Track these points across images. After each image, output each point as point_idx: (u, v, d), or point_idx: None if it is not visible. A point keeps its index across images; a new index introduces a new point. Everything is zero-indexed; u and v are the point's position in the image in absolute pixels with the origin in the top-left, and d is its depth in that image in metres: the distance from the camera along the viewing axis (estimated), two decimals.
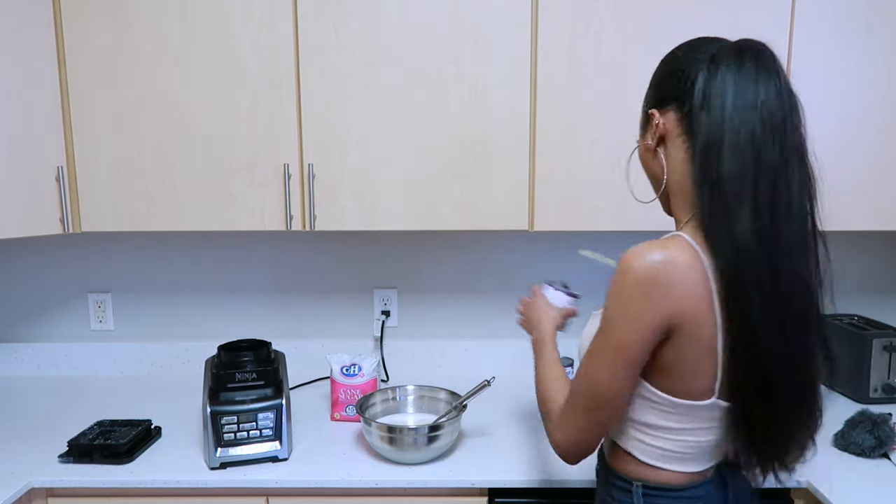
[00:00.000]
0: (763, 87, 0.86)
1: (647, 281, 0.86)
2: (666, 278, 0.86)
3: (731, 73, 0.87)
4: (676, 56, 0.96)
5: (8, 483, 1.34)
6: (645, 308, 0.86)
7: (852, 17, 1.51)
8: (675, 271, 0.86)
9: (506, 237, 1.94)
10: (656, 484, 0.98)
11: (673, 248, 0.88)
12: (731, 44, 0.91)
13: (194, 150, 1.56)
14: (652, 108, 0.97)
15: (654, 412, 0.95)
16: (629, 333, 0.88)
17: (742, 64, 0.87)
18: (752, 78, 0.86)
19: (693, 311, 0.87)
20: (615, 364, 0.89)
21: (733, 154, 0.85)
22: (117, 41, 1.52)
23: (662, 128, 0.95)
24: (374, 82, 1.53)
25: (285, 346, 1.96)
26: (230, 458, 1.40)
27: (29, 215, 1.52)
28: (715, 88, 0.87)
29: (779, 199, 0.85)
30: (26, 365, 1.99)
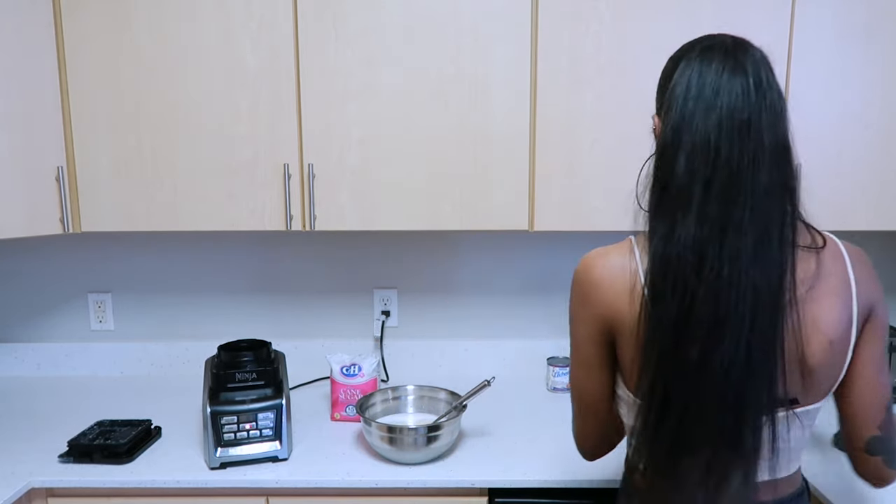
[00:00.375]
0: (726, 85, 0.81)
1: (580, 283, 0.93)
2: (599, 282, 0.90)
3: (692, 71, 0.84)
4: (672, 57, 0.93)
5: (8, 483, 1.34)
6: (582, 308, 0.92)
7: (852, 17, 1.51)
8: (607, 275, 0.90)
9: (506, 237, 1.94)
10: None
11: (612, 251, 0.92)
12: (699, 41, 0.88)
13: (194, 150, 1.56)
14: (655, 114, 0.95)
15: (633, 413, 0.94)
16: (576, 333, 0.95)
17: (705, 61, 0.84)
18: (715, 76, 0.82)
19: (624, 311, 0.88)
20: (576, 363, 0.97)
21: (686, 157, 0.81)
22: (117, 41, 1.52)
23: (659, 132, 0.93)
24: (374, 82, 1.53)
25: (285, 346, 1.96)
26: (230, 458, 1.40)
27: (29, 215, 1.52)
28: (676, 88, 0.84)
29: (733, 208, 0.80)
30: (26, 365, 1.99)
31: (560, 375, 1.82)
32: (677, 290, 0.81)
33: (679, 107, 0.83)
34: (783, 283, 0.81)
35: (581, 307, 0.92)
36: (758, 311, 0.80)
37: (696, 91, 0.83)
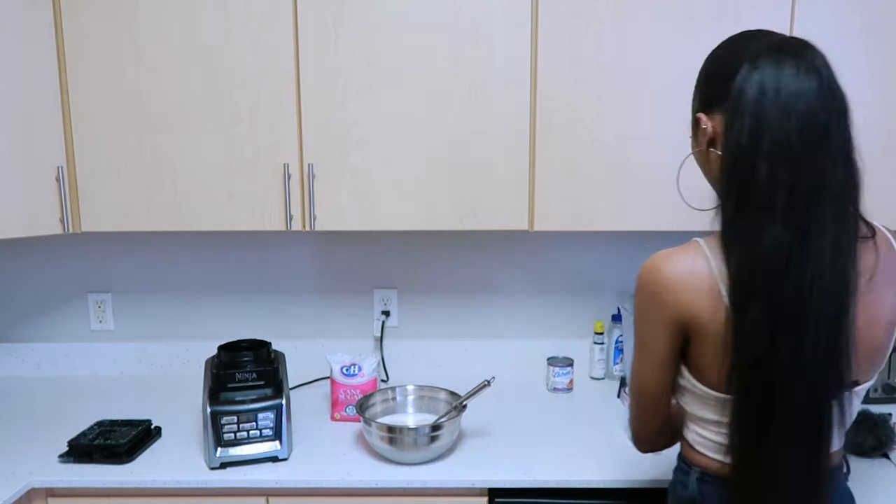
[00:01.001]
0: (804, 88, 0.82)
1: (648, 283, 0.94)
2: (672, 284, 0.91)
3: (764, 73, 0.83)
4: (719, 55, 0.94)
5: (8, 483, 1.34)
6: (651, 309, 0.94)
7: (852, 17, 1.51)
8: (675, 275, 0.91)
9: (506, 237, 1.94)
10: (715, 473, 0.99)
11: (682, 254, 0.92)
12: (770, 42, 0.87)
13: (194, 150, 1.56)
14: (699, 113, 0.95)
15: (704, 405, 0.97)
16: (645, 332, 0.96)
17: (777, 63, 0.83)
18: (791, 78, 0.82)
19: (705, 311, 0.90)
20: (642, 360, 0.98)
21: (768, 164, 0.82)
22: (117, 41, 1.52)
23: (711, 131, 0.93)
24: (374, 82, 1.53)
25: (285, 346, 1.96)
26: (230, 458, 1.40)
27: (29, 215, 1.52)
28: (748, 91, 0.84)
29: (816, 211, 0.82)
30: (26, 365, 1.99)
31: (560, 375, 1.82)
32: (767, 294, 0.84)
33: (754, 110, 0.83)
34: (855, 276, 0.85)
35: (650, 308, 0.94)
36: (836, 305, 0.84)
37: (772, 94, 0.82)
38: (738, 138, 0.84)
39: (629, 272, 1.95)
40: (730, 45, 0.93)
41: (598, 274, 1.95)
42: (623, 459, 1.43)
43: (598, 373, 1.93)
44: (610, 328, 1.91)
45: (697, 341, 0.93)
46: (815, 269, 0.82)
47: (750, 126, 0.83)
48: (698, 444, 1.01)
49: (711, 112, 0.93)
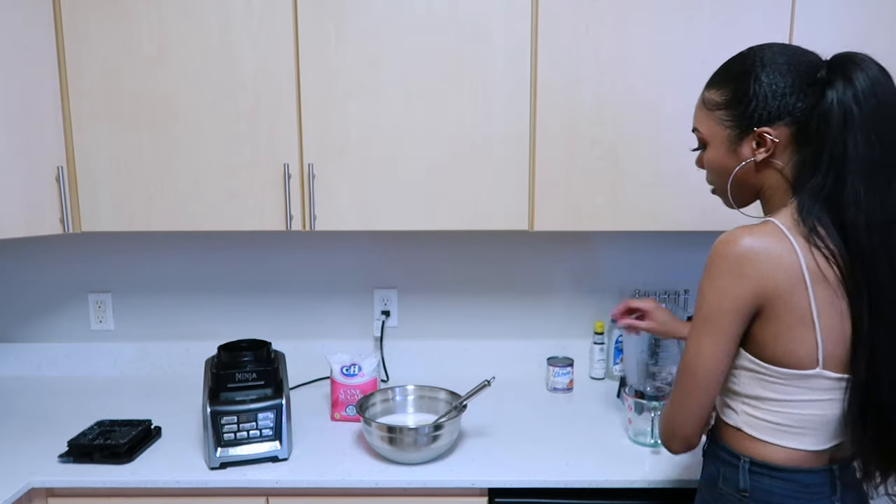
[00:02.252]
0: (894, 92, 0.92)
1: (735, 257, 0.94)
2: (754, 255, 0.93)
3: (865, 84, 0.91)
4: (771, 68, 0.97)
5: (8, 483, 1.34)
6: (732, 283, 0.94)
7: (852, 17, 1.51)
8: (762, 249, 0.93)
9: (506, 237, 1.94)
10: (763, 461, 1.00)
11: (761, 231, 0.95)
12: (849, 55, 0.95)
13: (194, 149, 1.56)
14: (761, 128, 0.98)
15: (762, 384, 0.99)
16: (715, 306, 0.95)
17: (870, 73, 0.92)
18: (883, 86, 0.92)
19: (785, 285, 0.93)
20: (703, 336, 0.97)
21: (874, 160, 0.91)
22: (117, 41, 1.52)
23: (774, 144, 0.98)
24: (374, 82, 1.53)
25: (285, 346, 1.96)
26: (230, 458, 1.40)
27: (29, 215, 1.52)
28: (859, 102, 0.91)
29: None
30: (26, 365, 1.99)
31: (560, 375, 1.82)
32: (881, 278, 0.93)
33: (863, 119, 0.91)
34: None
35: (728, 280, 0.94)
36: None
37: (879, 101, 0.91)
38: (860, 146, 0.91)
39: (629, 272, 1.95)
40: (792, 64, 0.97)
41: (598, 274, 1.95)
42: (623, 459, 1.43)
43: (598, 373, 1.93)
44: (610, 328, 1.91)
45: (768, 317, 0.95)
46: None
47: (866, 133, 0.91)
48: (752, 426, 1.01)
49: (777, 125, 0.97)
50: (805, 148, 0.96)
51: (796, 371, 0.96)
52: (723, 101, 1.02)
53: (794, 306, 0.93)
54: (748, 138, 1.00)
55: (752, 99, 0.98)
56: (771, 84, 0.97)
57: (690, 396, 1.00)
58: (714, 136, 1.04)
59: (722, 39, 1.52)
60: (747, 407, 1.01)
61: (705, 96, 1.05)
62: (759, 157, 0.99)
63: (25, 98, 1.49)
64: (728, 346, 0.97)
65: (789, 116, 0.96)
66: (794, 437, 0.99)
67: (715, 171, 1.06)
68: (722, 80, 1.03)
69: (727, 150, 1.03)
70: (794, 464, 0.99)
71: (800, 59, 0.97)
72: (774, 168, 1.00)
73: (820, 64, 0.96)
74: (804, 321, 0.94)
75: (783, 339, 0.95)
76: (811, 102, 0.95)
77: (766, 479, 0.99)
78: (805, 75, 0.95)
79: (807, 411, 0.97)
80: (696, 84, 1.52)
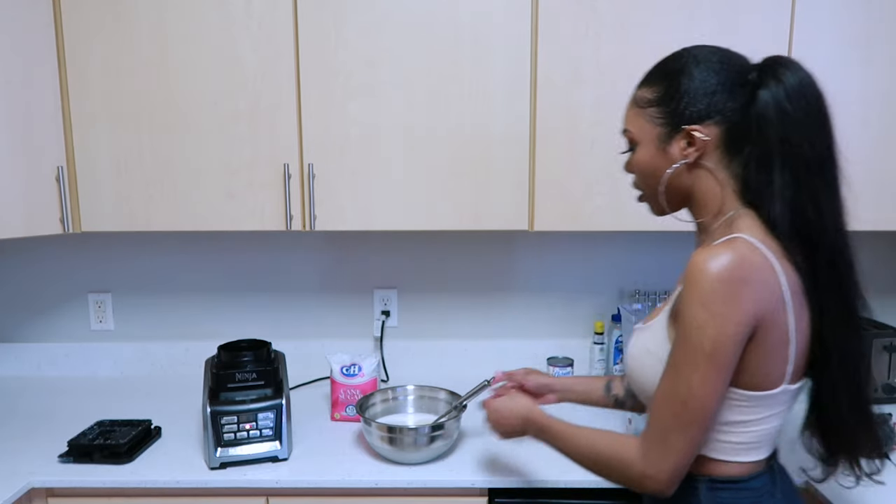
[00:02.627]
0: (821, 92, 0.93)
1: (733, 281, 0.87)
2: (749, 276, 0.88)
3: (795, 85, 0.92)
4: (704, 65, 0.96)
5: (8, 483, 1.34)
6: (733, 310, 0.87)
7: (852, 18, 1.51)
8: (753, 269, 0.88)
9: (506, 237, 1.94)
10: (721, 477, 0.98)
11: (742, 248, 0.89)
12: (778, 58, 0.95)
13: (194, 149, 1.56)
14: (690, 125, 0.96)
15: (731, 409, 0.95)
16: (721, 336, 0.87)
17: (799, 74, 0.93)
18: (811, 86, 0.93)
19: (771, 306, 0.90)
20: (709, 371, 0.89)
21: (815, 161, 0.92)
22: (117, 41, 1.53)
23: (704, 143, 0.95)
24: (374, 82, 1.53)
25: (285, 346, 1.96)
26: (230, 458, 1.40)
27: (29, 215, 1.52)
28: (790, 103, 0.91)
29: (838, 191, 0.94)
30: (26, 365, 1.99)
31: (560, 375, 1.82)
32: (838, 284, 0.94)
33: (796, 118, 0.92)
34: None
35: (729, 307, 0.87)
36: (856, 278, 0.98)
37: (807, 100, 0.93)
38: (780, 143, 0.91)
39: (629, 272, 1.95)
40: (721, 61, 0.96)
41: (598, 274, 1.95)
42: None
43: (598, 373, 1.93)
44: (610, 328, 1.91)
45: (756, 341, 0.90)
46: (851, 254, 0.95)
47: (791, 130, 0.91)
48: (716, 450, 0.97)
49: (707, 123, 0.95)
50: (738, 150, 0.95)
51: (767, 392, 0.93)
52: (654, 98, 1.00)
53: (777, 327, 0.91)
54: (678, 137, 0.97)
55: (683, 96, 0.96)
56: (702, 81, 0.95)
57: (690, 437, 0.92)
58: (644, 135, 1.01)
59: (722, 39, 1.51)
60: (715, 433, 0.97)
61: (637, 95, 1.03)
62: (690, 158, 0.96)
63: (25, 98, 1.49)
64: (726, 377, 0.90)
65: (719, 115, 0.94)
66: (753, 451, 0.98)
67: (644, 172, 1.03)
68: (654, 78, 1.02)
69: (657, 150, 1.00)
70: (748, 473, 0.98)
71: (731, 60, 0.96)
72: (705, 170, 0.97)
73: (750, 66, 0.96)
74: (783, 341, 0.92)
75: (764, 363, 0.92)
76: (741, 102, 0.93)
77: (725, 493, 0.98)
78: (736, 75, 0.95)
79: (769, 425, 0.97)
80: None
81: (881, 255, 1.98)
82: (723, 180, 0.97)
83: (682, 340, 0.90)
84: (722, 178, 0.97)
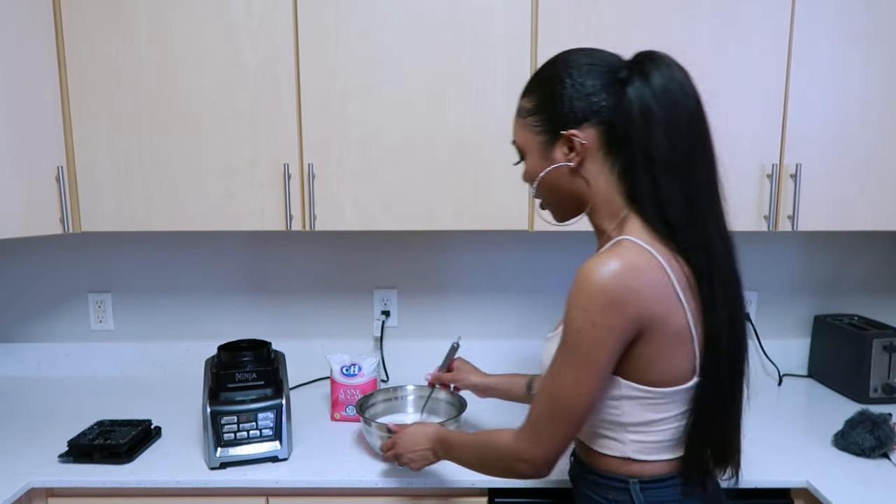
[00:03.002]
0: (690, 89, 0.93)
1: (613, 290, 0.88)
2: (633, 283, 0.89)
3: (661, 81, 0.92)
4: (575, 70, 0.96)
5: (8, 483, 1.34)
6: (615, 315, 0.89)
7: (852, 17, 1.51)
8: (639, 274, 0.89)
9: (506, 237, 1.94)
10: (650, 477, 1.00)
11: (628, 253, 0.90)
12: (647, 54, 0.95)
13: (194, 149, 1.56)
14: (569, 130, 0.96)
15: (649, 408, 0.97)
16: (595, 343, 0.90)
17: (666, 71, 0.93)
18: (678, 83, 0.92)
19: (662, 307, 0.91)
20: (582, 372, 0.92)
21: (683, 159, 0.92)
22: (117, 41, 1.52)
23: (584, 147, 0.96)
24: (373, 82, 1.53)
25: (285, 346, 1.96)
26: (230, 458, 1.40)
27: (29, 215, 1.52)
28: (655, 98, 0.91)
29: (714, 190, 0.95)
30: (26, 365, 1.99)
31: None
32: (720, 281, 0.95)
33: (664, 115, 0.92)
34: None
35: (608, 315, 0.89)
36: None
37: (671, 98, 0.92)
38: (650, 142, 0.91)
39: None
40: (591, 62, 0.96)
41: None
42: None
43: None
44: None
45: (648, 340, 0.92)
46: (733, 254, 0.97)
47: (664, 128, 0.91)
48: (641, 451, 0.99)
49: (584, 127, 0.96)
50: (619, 151, 0.95)
51: (680, 387, 0.95)
52: (532, 107, 1.01)
53: (672, 324, 0.92)
54: (559, 143, 0.98)
55: (559, 101, 0.97)
56: (576, 85, 0.95)
57: (565, 431, 0.95)
58: (529, 144, 1.03)
59: (722, 39, 1.52)
60: (635, 435, 0.99)
61: (519, 105, 1.05)
62: (572, 162, 0.97)
63: (25, 98, 1.49)
64: (606, 377, 0.94)
65: (595, 117, 0.95)
66: (675, 447, 1.00)
67: (536, 180, 1.04)
68: (532, 87, 1.03)
69: (542, 158, 1.01)
70: (673, 470, 1.00)
71: (603, 60, 0.97)
72: (592, 173, 0.98)
73: (622, 64, 0.96)
74: (683, 336, 0.93)
75: (665, 359, 0.93)
76: (614, 102, 0.93)
77: (657, 492, 0.99)
78: (608, 76, 0.95)
79: (681, 423, 0.98)
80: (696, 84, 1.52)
81: (881, 255, 1.98)
82: (610, 182, 0.97)
83: (563, 341, 0.93)
84: (609, 179, 0.97)
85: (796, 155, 1.56)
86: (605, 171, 0.97)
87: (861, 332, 1.76)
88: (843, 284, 1.98)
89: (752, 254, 1.90)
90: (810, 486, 1.32)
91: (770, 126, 1.55)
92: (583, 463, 1.08)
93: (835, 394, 1.83)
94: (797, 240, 1.93)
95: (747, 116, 1.54)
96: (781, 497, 1.36)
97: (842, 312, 1.97)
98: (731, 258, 0.96)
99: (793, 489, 1.36)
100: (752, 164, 1.56)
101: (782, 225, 1.58)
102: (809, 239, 1.94)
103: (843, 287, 1.98)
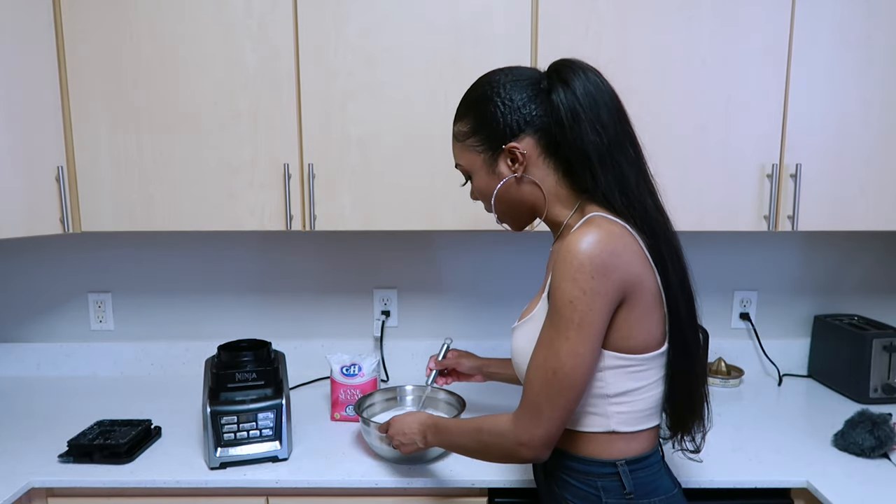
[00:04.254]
0: (605, 85, 1.02)
1: (599, 256, 0.93)
2: (616, 247, 0.95)
3: (580, 84, 1.00)
4: (502, 88, 1.04)
5: (8, 483, 1.34)
6: (604, 281, 0.93)
7: (852, 17, 1.51)
8: (618, 240, 0.95)
9: (506, 237, 1.94)
10: (635, 457, 1.03)
11: (602, 222, 0.97)
12: (561, 62, 1.04)
13: (194, 149, 1.56)
14: (508, 143, 1.03)
15: (629, 376, 1.01)
16: (591, 310, 0.94)
17: (581, 74, 1.01)
18: (594, 82, 1.00)
19: (640, 268, 0.97)
20: (577, 342, 0.95)
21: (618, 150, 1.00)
22: (117, 41, 1.52)
23: (525, 156, 1.03)
24: (374, 82, 1.53)
25: (285, 346, 1.96)
26: (230, 458, 1.40)
27: (29, 215, 1.52)
28: (578, 100, 0.99)
29: (642, 168, 1.03)
30: (26, 365, 1.99)
31: None
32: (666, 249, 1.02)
33: (592, 114, 0.99)
34: None
35: (598, 281, 0.93)
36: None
37: (595, 97, 1.00)
38: (583, 140, 0.99)
39: None
40: (513, 79, 1.05)
41: None
42: None
43: None
44: None
45: (631, 305, 0.97)
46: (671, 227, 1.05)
47: (591, 126, 0.99)
48: (625, 422, 1.02)
49: (520, 138, 1.03)
50: (556, 152, 1.03)
51: (655, 352, 1.01)
52: (469, 129, 1.08)
53: (648, 287, 0.98)
54: (501, 157, 1.05)
55: (494, 119, 1.04)
56: (506, 102, 1.03)
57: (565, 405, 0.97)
58: (473, 165, 1.10)
59: (722, 39, 1.52)
60: (617, 406, 1.02)
61: (455, 131, 1.12)
62: (518, 172, 1.04)
63: (25, 98, 1.49)
64: (599, 346, 0.97)
65: (530, 126, 1.02)
66: (653, 415, 1.05)
67: (487, 197, 1.10)
68: (464, 111, 1.10)
69: (488, 175, 1.08)
70: (653, 444, 1.06)
71: (524, 75, 1.05)
72: (536, 180, 1.05)
73: (540, 75, 1.05)
74: (656, 300, 1.00)
75: (644, 324, 0.99)
76: (543, 110, 1.02)
77: (642, 472, 1.03)
78: (532, 88, 1.03)
79: (662, 387, 1.05)
80: (696, 84, 1.52)
81: (881, 255, 1.98)
82: (557, 181, 1.05)
83: (553, 316, 0.97)
84: (555, 178, 1.05)
85: (796, 155, 1.56)
86: (549, 172, 1.05)
87: (861, 332, 1.76)
88: (843, 284, 1.98)
89: (752, 254, 1.90)
90: (810, 486, 1.32)
91: (770, 126, 1.55)
92: (563, 452, 1.07)
93: (835, 394, 1.83)
94: (797, 240, 1.93)
95: (747, 116, 1.54)
96: (781, 497, 1.36)
97: (842, 312, 1.97)
98: (671, 230, 1.03)
99: (793, 489, 1.36)
100: (752, 164, 1.56)
101: (782, 225, 1.58)
102: (809, 239, 1.94)
103: (843, 287, 1.98)
